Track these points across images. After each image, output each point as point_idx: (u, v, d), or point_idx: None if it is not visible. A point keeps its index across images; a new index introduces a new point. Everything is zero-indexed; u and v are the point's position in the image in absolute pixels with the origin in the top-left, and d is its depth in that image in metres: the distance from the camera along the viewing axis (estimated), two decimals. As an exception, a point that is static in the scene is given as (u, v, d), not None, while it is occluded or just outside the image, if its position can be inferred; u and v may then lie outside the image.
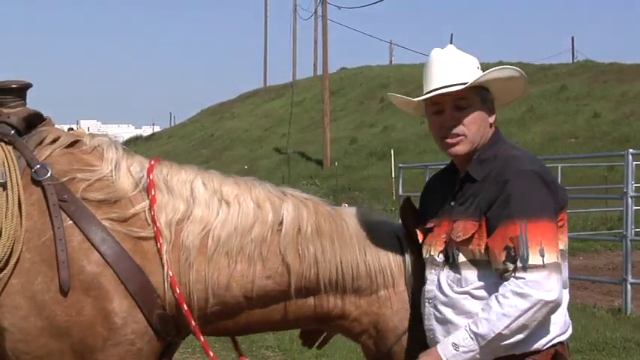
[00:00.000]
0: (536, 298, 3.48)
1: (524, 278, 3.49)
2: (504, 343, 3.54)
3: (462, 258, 3.69)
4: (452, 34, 64.98)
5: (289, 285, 3.81)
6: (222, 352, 10.30)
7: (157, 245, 3.70)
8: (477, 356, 3.56)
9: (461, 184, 3.80)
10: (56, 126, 4.05)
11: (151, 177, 3.82)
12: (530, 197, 3.57)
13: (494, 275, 3.61)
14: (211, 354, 3.89)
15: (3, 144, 3.79)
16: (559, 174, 23.26)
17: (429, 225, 3.86)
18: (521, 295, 3.48)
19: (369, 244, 3.92)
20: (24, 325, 3.59)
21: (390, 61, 67.08)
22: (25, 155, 3.77)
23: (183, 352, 10.17)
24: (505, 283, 3.53)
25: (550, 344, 3.67)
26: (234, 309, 3.83)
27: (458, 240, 3.68)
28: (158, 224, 3.71)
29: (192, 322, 3.73)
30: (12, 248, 3.58)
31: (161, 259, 3.69)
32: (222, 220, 3.78)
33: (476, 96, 3.77)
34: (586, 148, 33.44)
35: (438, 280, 3.75)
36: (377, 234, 3.96)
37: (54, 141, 3.87)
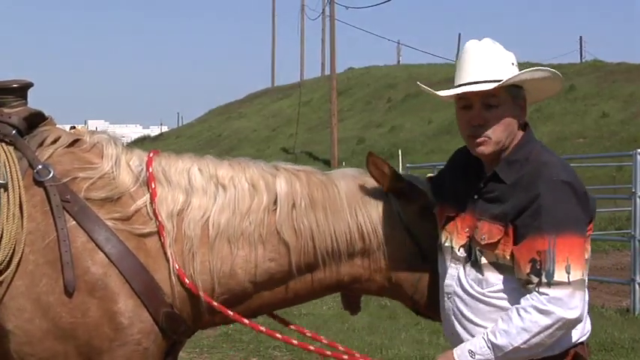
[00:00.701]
0: (559, 315, 3.43)
1: (547, 295, 3.43)
2: (520, 355, 3.51)
3: (484, 260, 3.63)
4: (459, 34, 64.92)
5: (290, 264, 3.82)
6: (230, 352, 10.34)
7: (160, 240, 3.69)
8: None
9: (486, 182, 3.72)
10: (60, 126, 4.04)
11: (150, 170, 3.81)
12: (561, 211, 3.49)
13: (515, 281, 3.56)
14: (247, 321, 3.92)
15: (4, 144, 3.77)
16: (567, 174, 23.18)
17: (451, 213, 3.79)
18: (544, 312, 3.43)
19: (360, 204, 3.92)
20: (29, 327, 3.57)
21: (398, 61, 67.12)
22: (27, 156, 3.75)
23: (191, 351, 10.19)
24: (528, 296, 3.48)
25: (570, 347, 3.65)
26: (242, 295, 3.84)
27: (483, 242, 3.62)
28: (160, 218, 3.70)
29: (215, 303, 3.74)
30: (14, 250, 3.56)
31: (165, 253, 3.68)
32: (220, 206, 3.78)
33: (507, 94, 3.65)
34: (594, 148, 33.38)
35: (459, 277, 3.71)
36: (367, 192, 3.97)
37: (55, 141, 3.85)
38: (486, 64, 3.66)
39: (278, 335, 4.10)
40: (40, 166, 3.70)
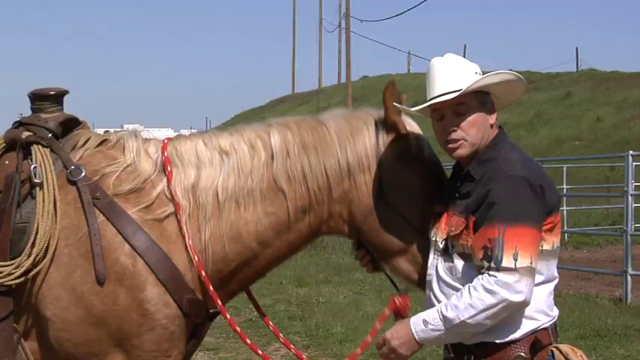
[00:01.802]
0: (503, 297, 3.44)
1: (495, 277, 3.45)
2: (469, 330, 3.53)
3: (455, 250, 3.67)
4: (465, 45, 64.79)
5: (289, 213, 3.77)
6: (254, 338, 10.35)
7: (177, 218, 3.69)
8: (442, 336, 3.57)
9: (462, 180, 3.76)
10: (98, 129, 4.05)
11: (165, 154, 3.80)
12: (512, 203, 3.51)
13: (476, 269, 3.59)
14: (238, 329, 3.90)
15: (41, 147, 3.78)
16: (564, 174, 23.19)
17: (438, 210, 3.81)
18: (490, 292, 3.45)
19: (349, 139, 3.83)
20: (65, 315, 3.58)
21: (408, 70, 66.96)
22: (61, 157, 3.76)
23: (218, 337, 10.20)
24: (479, 276, 3.50)
25: (530, 331, 3.63)
26: (251, 257, 3.81)
27: (451, 234, 3.67)
28: (177, 198, 3.69)
29: (211, 288, 3.70)
30: (48, 243, 3.57)
31: (181, 229, 3.68)
32: (226, 172, 3.76)
33: (474, 100, 3.69)
34: (589, 150, 33.30)
35: (437, 266, 3.74)
36: (356, 127, 3.87)
37: (85, 142, 3.86)
38: (451, 76, 3.70)
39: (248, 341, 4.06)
40: (72, 167, 3.71)
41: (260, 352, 4.11)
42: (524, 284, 3.48)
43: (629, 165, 13.81)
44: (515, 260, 3.45)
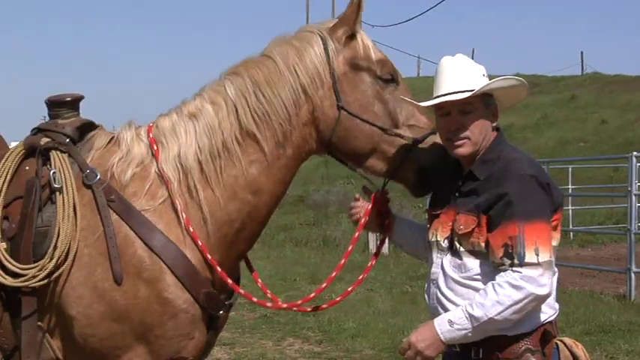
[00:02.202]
0: (529, 291, 3.46)
1: (520, 272, 3.47)
2: (495, 327, 3.54)
3: (462, 248, 3.67)
4: (473, 49, 64.64)
5: (267, 153, 3.75)
6: (269, 333, 10.36)
7: (168, 192, 3.69)
8: (469, 334, 3.55)
9: (463, 180, 3.77)
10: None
11: (151, 135, 3.81)
12: (528, 201, 3.54)
13: (489, 265, 3.59)
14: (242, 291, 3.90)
15: (59, 152, 3.79)
16: (569, 174, 23.16)
17: (436, 211, 3.83)
18: (516, 287, 3.46)
19: (297, 60, 3.77)
20: (89, 312, 3.60)
21: (418, 74, 66.85)
22: (78, 161, 3.78)
23: (234, 332, 10.23)
24: (502, 273, 3.51)
25: (540, 325, 3.66)
26: (252, 211, 3.79)
27: (460, 232, 3.66)
28: (165, 175, 3.70)
29: (208, 256, 3.68)
30: (69, 246, 3.58)
31: (173, 202, 3.68)
32: (199, 133, 3.75)
33: (480, 102, 3.73)
34: (594, 152, 33.18)
35: (442, 264, 3.74)
36: (300, 45, 3.82)
37: (95, 144, 3.89)
38: (461, 75, 3.74)
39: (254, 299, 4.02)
40: (88, 171, 3.72)
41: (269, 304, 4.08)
42: (547, 277, 3.52)
43: (632, 166, 13.83)
44: (537, 255, 3.49)
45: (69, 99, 3.99)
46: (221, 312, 3.84)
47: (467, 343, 3.64)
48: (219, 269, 3.71)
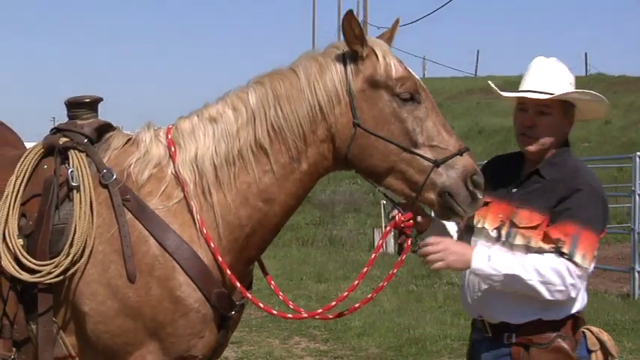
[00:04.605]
0: (565, 283, 3.61)
1: (568, 265, 3.61)
2: (515, 288, 3.66)
3: (517, 241, 3.75)
4: (478, 51, 64.71)
5: (282, 165, 3.73)
6: (275, 331, 10.37)
7: (183, 193, 3.71)
8: (493, 277, 3.67)
9: (528, 176, 3.88)
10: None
11: (169, 136, 3.82)
12: (591, 210, 3.69)
13: None
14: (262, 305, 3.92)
15: (77, 152, 3.82)
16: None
17: (487, 199, 3.80)
18: (558, 273, 3.60)
19: (318, 78, 3.74)
20: (102, 308, 3.62)
21: (423, 75, 66.77)
22: (95, 161, 3.80)
23: (241, 330, 10.22)
24: (555, 256, 3.63)
25: (571, 314, 3.79)
26: (262, 218, 3.78)
27: (521, 226, 3.75)
28: (181, 177, 3.71)
29: (219, 258, 3.69)
30: (85, 243, 3.61)
31: (188, 204, 3.69)
32: (217, 137, 3.75)
33: (560, 107, 3.84)
34: (598, 152, 33.11)
35: None
36: (323, 61, 3.79)
37: (112, 144, 3.91)
38: (546, 78, 3.85)
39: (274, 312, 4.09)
40: (104, 170, 3.74)
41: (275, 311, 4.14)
42: (581, 283, 3.70)
43: (636, 166, 13.82)
44: (584, 260, 3.64)
45: (88, 100, 4.03)
46: (233, 312, 3.85)
47: (500, 329, 3.78)
48: (228, 272, 3.72)
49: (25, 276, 3.60)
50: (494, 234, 3.82)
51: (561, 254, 3.61)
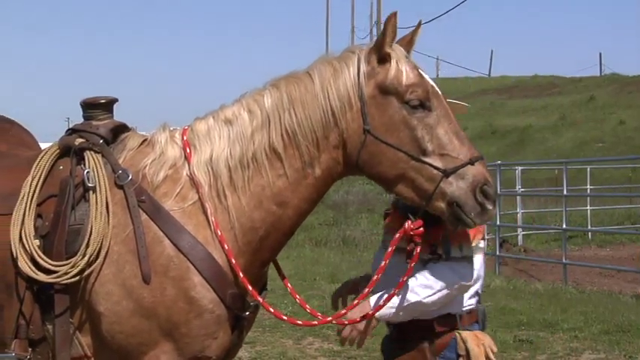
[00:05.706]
0: (453, 280, 3.80)
1: (444, 265, 3.81)
2: (423, 309, 3.85)
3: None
4: (492, 51, 64.54)
5: (295, 170, 3.72)
6: (289, 332, 10.37)
7: (198, 195, 3.71)
8: (400, 313, 3.88)
9: None
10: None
11: (185, 138, 3.83)
12: None
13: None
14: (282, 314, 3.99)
15: (93, 152, 3.83)
16: (588, 175, 23.08)
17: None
18: (441, 277, 3.79)
19: (332, 82, 3.73)
20: (117, 308, 3.63)
21: (437, 75, 66.72)
22: (110, 161, 3.81)
23: (255, 330, 10.22)
24: (432, 265, 3.84)
25: (468, 308, 3.99)
26: (276, 221, 3.78)
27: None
28: (196, 178, 3.71)
29: (233, 260, 3.69)
30: (101, 244, 3.62)
31: (203, 206, 3.70)
32: (232, 140, 3.76)
33: None
34: (612, 152, 33.07)
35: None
36: (338, 65, 3.77)
37: (127, 145, 3.92)
38: None
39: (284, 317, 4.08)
40: (120, 171, 3.75)
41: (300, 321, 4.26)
42: (469, 268, 3.90)
43: (650, 166, 13.73)
44: (461, 250, 3.86)
45: (103, 101, 4.03)
46: (247, 313, 3.86)
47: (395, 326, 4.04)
48: (241, 275, 3.72)
49: (42, 276, 3.61)
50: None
51: (438, 257, 3.83)
